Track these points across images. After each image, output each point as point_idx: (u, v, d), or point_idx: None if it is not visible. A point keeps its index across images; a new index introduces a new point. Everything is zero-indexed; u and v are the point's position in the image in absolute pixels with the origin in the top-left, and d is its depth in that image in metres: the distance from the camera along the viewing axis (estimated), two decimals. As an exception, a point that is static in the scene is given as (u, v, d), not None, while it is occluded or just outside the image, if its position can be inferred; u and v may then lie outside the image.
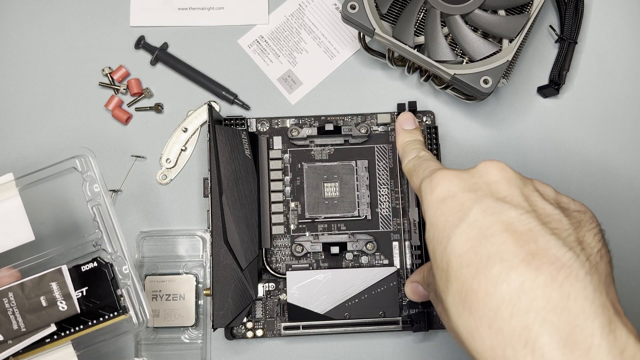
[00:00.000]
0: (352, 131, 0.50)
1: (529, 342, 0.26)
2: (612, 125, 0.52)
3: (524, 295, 0.27)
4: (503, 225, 0.29)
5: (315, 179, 0.50)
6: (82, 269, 0.41)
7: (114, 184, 0.51)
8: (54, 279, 0.40)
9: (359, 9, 0.46)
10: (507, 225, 0.29)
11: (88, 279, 0.41)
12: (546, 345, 0.26)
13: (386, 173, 0.50)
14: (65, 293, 0.40)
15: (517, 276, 0.27)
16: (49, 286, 0.40)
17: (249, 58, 0.53)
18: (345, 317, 0.46)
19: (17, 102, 0.52)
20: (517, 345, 0.26)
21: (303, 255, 0.49)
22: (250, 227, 0.47)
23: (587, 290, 0.27)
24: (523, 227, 0.29)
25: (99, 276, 0.42)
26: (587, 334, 0.25)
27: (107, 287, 0.42)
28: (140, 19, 0.54)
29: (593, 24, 0.53)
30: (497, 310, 0.27)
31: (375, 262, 0.49)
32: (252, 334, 0.48)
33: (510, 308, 0.27)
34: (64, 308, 0.40)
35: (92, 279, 0.41)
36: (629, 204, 0.50)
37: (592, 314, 0.26)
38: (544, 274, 0.27)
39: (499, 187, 0.32)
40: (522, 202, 0.31)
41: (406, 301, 0.48)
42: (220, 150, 0.46)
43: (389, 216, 0.49)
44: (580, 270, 0.27)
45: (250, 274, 0.46)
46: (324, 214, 0.49)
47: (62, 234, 0.46)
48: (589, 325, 0.26)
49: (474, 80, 0.45)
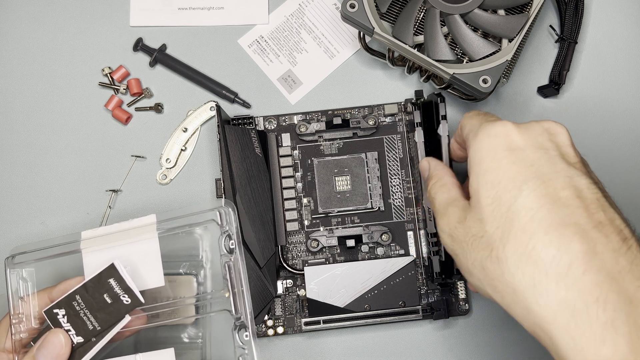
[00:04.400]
0: (360, 123, 0.50)
1: (600, 297, 0.28)
2: (612, 125, 0.51)
3: (595, 256, 0.29)
4: (576, 191, 0.31)
5: (326, 174, 0.50)
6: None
7: (114, 184, 0.51)
8: (110, 275, 0.41)
9: (359, 8, 0.46)
10: (579, 192, 0.31)
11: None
12: (616, 302, 0.28)
13: (396, 163, 0.50)
14: (124, 287, 0.41)
15: (589, 239, 0.29)
16: (108, 283, 0.41)
17: (249, 58, 0.53)
18: (366, 309, 0.47)
19: (17, 102, 0.53)
20: (589, 300, 0.28)
21: (319, 250, 0.49)
22: (265, 224, 0.47)
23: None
24: (592, 196, 0.31)
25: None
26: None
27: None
28: (140, 18, 0.54)
29: (593, 24, 0.53)
30: (569, 267, 0.29)
31: (391, 253, 0.49)
32: (272, 331, 0.48)
33: (582, 266, 0.29)
34: (128, 301, 0.41)
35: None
36: (629, 204, 0.50)
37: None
38: (613, 241, 0.29)
39: (568, 151, 0.33)
40: (586, 172, 0.32)
41: (424, 290, 0.48)
42: (231, 149, 0.46)
43: (402, 206, 0.50)
44: (637, 244, 0.30)
45: (268, 272, 0.46)
46: (337, 208, 0.49)
47: (172, 287, 0.46)
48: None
49: (473, 79, 0.45)
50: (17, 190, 0.51)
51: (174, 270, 0.49)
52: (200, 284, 0.48)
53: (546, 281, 0.29)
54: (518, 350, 0.49)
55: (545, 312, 0.29)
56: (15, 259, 0.43)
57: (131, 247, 0.42)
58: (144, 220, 0.43)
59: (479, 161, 0.34)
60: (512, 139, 0.33)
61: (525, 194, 0.31)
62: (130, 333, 0.43)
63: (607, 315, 0.28)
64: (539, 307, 0.29)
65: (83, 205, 0.51)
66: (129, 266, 0.42)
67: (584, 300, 0.28)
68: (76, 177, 0.51)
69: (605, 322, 0.28)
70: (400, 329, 0.49)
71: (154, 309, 0.43)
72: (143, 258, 0.42)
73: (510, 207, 0.31)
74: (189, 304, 0.45)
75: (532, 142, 0.33)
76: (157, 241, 0.42)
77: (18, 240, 0.50)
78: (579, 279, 0.28)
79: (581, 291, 0.28)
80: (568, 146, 0.34)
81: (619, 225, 0.30)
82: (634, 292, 0.28)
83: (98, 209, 0.51)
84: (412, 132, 0.49)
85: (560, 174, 0.31)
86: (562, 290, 0.29)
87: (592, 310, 0.28)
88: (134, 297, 0.41)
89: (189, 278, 0.48)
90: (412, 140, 0.50)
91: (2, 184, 0.51)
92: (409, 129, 0.50)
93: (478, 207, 0.33)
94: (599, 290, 0.28)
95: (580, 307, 0.28)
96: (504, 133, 0.34)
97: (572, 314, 0.28)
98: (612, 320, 0.27)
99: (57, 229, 0.51)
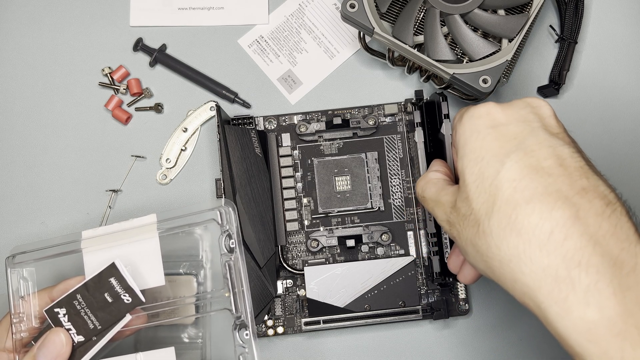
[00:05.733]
0: (360, 123, 0.50)
1: (582, 261, 0.28)
2: (612, 125, 0.51)
3: (578, 221, 0.29)
4: (558, 159, 0.31)
5: (326, 174, 0.50)
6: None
7: (114, 184, 0.51)
8: (111, 274, 0.41)
9: (359, 8, 0.46)
10: (561, 160, 0.31)
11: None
12: (600, 265, 0.28)
13: (396, 163, 0.50)
14: (125, 286, 0.41)
15: (571, 205, 0.29)
16: (108, 282, 0.41)
17: (249, 58, 0.53)
18: (366, 308, 0.47)
19: (17, 102, 0.53)
20: (571, 265, 0.28)
21: (319, 250, 0.49)
22: (265, 224, 0.47)
23: (630, 222, 0.30)
24: (575, 164, 0.31)
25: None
26: (632, 254, 0.28)
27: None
28: (140, 19, 0.54)
29: (593, 24, 0.53)
30: (550, 234, 0.29)
31: (391, 253, 0.49)
32: (272, 331, 0.48)
33: (564, 232, 0.29)
34: (128, 300, 0.41)
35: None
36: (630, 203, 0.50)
37: (635, 240, 0.29)
38: (596, 206, 0.29)
39: (551, 122, 0.34)
40: (570, 142, 0.33)
41: (424, 290, 0.49)
42: (231, 149, 0.46)
43: (402, 206, 0.50)
44: (622, 208, 0.30)
45: (268, 272, 0.46)
46: (337, 208, 0.49)
47: (172, 287, 0.46)
48: (633, 249, 0.29)
49: (473, 79, 0.45)
50: (17, 190, 0.51)
51: (174, 270, 0.49)
52: (200, 284, 0.48)
53: (530, 250, 0.29)
54: (518, 350, 0.49)
55: (530, 280, 0.29)
56: (16, 258, 0.43)
57: (132, 247, 0.42)
58: (144, 219, 0.43)
59: (463, 143, 0.34)
60: (495, 117, 0.34)
61: (507, 167, 0.31)
62: (130, 332, 0.43)
63: (589, 279, 0.28)
64: (524, 276, 0.30)
65: (83, 205, 0.51)
66: (130, 265, 0.42)
67: (566, 266, 0.28)
68: (76, 177, 0.51)
69: (588, 285, 0.28)
70: (400, 329, 0.49)
71: (154, 308, 0.43)
72: (143, 257, 0.42)
73: (492, 181, 0.32)
74: (189, 304, 0.45)
75: (515, 116, 0.33)
76: (158, 241, 0.42)
77: (18, 240, 0.50)
78: (561, 245, 0.29)
79: (563, 257, 0.29)
80: (550, 117, 0.34)
81: (604, 191, 0.30)
82: (617, 254, 0.28)
83: (98, 209, 0.51)
84: (412, 132, 0.49)
85: (543, 144, 0.32)
86: (545, 258, 0.29)
87: (574, 275, 0.28)
88: (135, 296, 0.41)
89: (189, 278, 0.48)
90: (412, 140, 0.50)
91: (2, 184, 0.51)
92: (409, 129, 0.50)
93: (464, 186, 0.33)
94: (581, 254, 0.28)
95: (562, 273, 0.28)
96: (486, 113, 0.34)
97: (554, 279, 0.28)
98: (595, 282, 0.28)
99: (57, 229, 0.51)
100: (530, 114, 0.34)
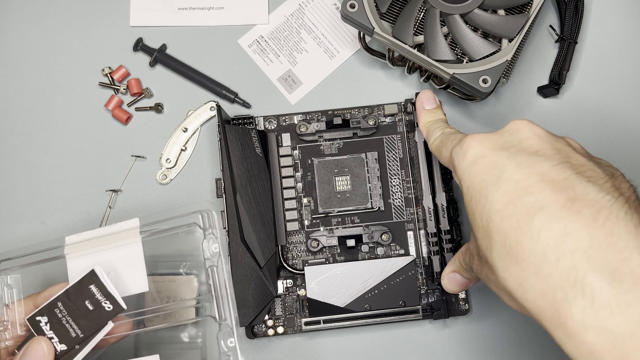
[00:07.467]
0: (360, 123, 0.50)
1: (577, 281, 0.27)
2: (612, 125, 0.51)
3: (567, 238, 0.27)
4: (538, 176, 0.30)
5: (326, 174, 0.50)
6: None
7: (114, 184, 0.51)
8: (91, 281, 0.40)
9: (359, 7, 0.46)
10: (542, 176, 0.30)
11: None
12: (595, 282, 0.26)
13: (396, 163, 0.50)
14: (106, 293, 0.40)
15: (558, 221, 0.28)
16: (89, 290, 0.40)
17: (249, 58, 0.53)
18: (366, 308, 0.47)
19: (17, 102, 0.53)
20: (567, 286, 0.27)
21: (319, 250, 0.49)
22: (266, 224, 0.47)
23: (629, 226, 0.27)
24: (559, 176, 0.30)
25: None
26: (634, 265, 0.26)
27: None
28: (140, 19, 0.54)
29: (593, 24, 0.53)
30: (543, 256, 0.28)
31: (391, 253, 0.49)
32: (273, 331, 0.48)
33: (556, 252, 0.28)
34: (109, 308, 0.40)
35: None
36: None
37: (637, 247, 0.26)
38: (585, 216, 0.28)
39: (531, 142, 0.33)
40: (555, 154, 0.31)
41: (424, 290, 0.48)
42: (232, 149, 0.46)
43: (402, 206, 0.50)
44: (620, 211, 0.28)
45: (268, 272, 0.46)
46: (337, 208, 0.49)
47: (172, 287, 0.45)
48: (635, 258, 0.26)
49: (473, 79, 0.45)
50: (17, 190, 0.51)
51: (174, 270, 0.49)
52: (201, 284, 0.48)
53: (529, 276, 0.29)
54: (518, 350, 0.49)
55: (534, 307, 0.29)
56: (1, 265, 0.42)
57: (114, 252, 0.42)
58: (127, 224, 0.42)
59: (462, 183, 0.34)
60: (476, 150, 0.33)
61: (490, 199, 0.31)
62: (116, 340, 0.42)
63: (586, 300, 0.26)
64: (529, 303, 0.29)
65: (83, 205, 0.51)
66: (113, 272, 0.41)
67: (562, 288, 0.27)
68: (76, 177, 0.51)
69: (584, 308, 0.26)
70: (400, 329, 0.49)
71: (139, 314, 0.42)
72: (127, 263, 0.42)
73: (483, 216, 0.31)
74: (189, 304, 0.45)
75: (493, 146, 0.33)
76: (141, 245, 0.42)
77: (18, 241, 0.50)
78: (555, 266, 0.27)
79: (559, 279, 0.27)
80: (529, 138, 0.33)
81: (594, 197, 0.28)
82: (616, 267, 0.26)
83: (98, 209, 0.51)
84: (412, 132, 0.49)
85: (521, 166, 0.31)
86: (542, 282, 0.28)
87: (570, 297, 0.27)
88: (116, 303, 0.40)
89: (189, 278, 0.48)
90: (412, 140, 0.50)
91: (2, 184, 0.51)
92: (409, 129, 0.50)
93: (471, 230, 0.34)
94: (575, 274, 0.27)
95: (559, 296, 0.27)
96: (469, 148, 0.34)
97: (552, 304, 0.27)
98: (592, 304, 0.26)
99: (57, 229, 0.51)
100: (510, 139, 0.33)
